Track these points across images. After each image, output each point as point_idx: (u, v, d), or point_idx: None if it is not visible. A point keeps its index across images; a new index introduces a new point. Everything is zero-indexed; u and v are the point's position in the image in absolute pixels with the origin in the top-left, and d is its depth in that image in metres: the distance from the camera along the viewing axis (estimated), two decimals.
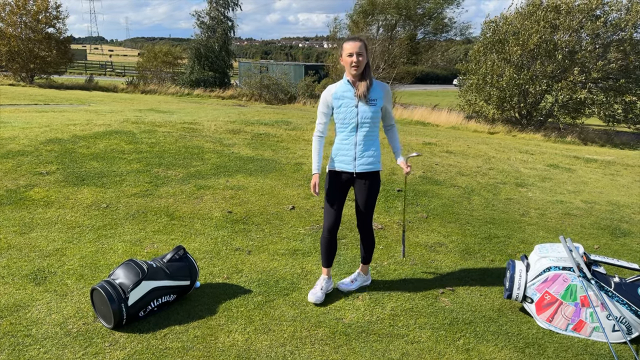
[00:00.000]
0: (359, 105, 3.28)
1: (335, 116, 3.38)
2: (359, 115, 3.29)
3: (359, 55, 3.17)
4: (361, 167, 3.39)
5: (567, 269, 3.38)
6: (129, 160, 6.83)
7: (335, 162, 3.44)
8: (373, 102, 3.29)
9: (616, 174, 8.09)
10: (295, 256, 4.33)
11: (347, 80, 3.32)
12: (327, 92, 3.39)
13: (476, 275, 4.15)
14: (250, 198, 5.69)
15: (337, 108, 3.35)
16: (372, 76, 3.37)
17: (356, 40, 3.19)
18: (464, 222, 5.36)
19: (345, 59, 3.24)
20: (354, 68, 3.20)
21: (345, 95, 3.31)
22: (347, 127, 3.34)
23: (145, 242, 4.48)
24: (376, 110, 3.31)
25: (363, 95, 3.25)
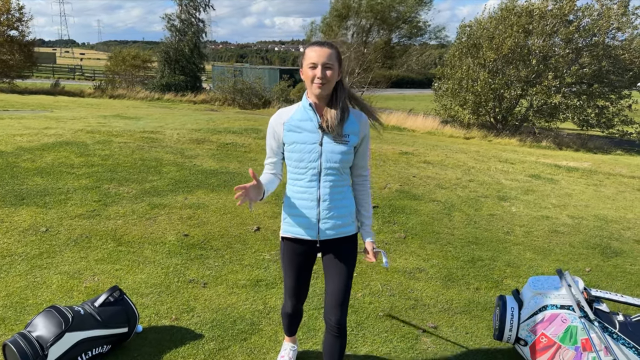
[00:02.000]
0: (324, 142, 2.25)
1: (288, 156, 2.32)
2: (323, 157, 2.25)
3: (326, 67, 2.17)
4: (329, 233, 2.36)
5: (566, 307, 2.94)
6: (78, 175, 6.19)
7: (290, 225, 2.39)
8: (344, 138, 2.27)
9: (599, 184, 7.79)
10: (257, 288, 3.81)
11: (308, 104, 2.27)
12: (276, 119, 2.34)
13: (460, 307, 3.69)
14: (211, 218, 5.13)
15: (290, 145, 2.28)
16: (347, 100, 2.34)
17: (323, 46, 2.20)
18: (445, 243, 4.91)
19: (305, 72, 2.21)
20: (317, 86, 2.18)
21: (304, 127, 2.27)
22: (305, 173, 2.29)
23: (85, 274, 3.90)
24: (348, 151, 2.28)
25: (331, 127, 2.22)
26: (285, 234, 2.46)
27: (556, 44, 18.58)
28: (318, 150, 2.26)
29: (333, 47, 2.24)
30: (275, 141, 2.35)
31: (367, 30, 26.37)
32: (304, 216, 2.35)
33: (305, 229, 2.37)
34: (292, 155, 2.30)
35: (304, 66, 2.24)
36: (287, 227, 2.43)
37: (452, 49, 21.24)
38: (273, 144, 2.37)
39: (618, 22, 17.91)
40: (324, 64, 2.18)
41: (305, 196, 2.32)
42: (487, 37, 18.94)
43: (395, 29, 26.57)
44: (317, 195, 2.31)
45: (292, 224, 2.39)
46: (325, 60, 2.18)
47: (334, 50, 2.24)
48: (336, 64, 2.22)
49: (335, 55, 2.22)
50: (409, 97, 41.18)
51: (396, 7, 25.08)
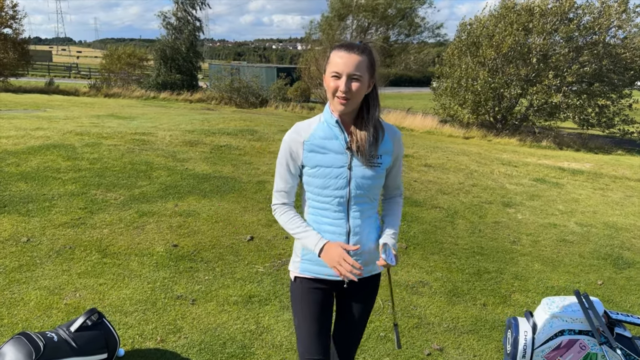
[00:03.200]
0: (354, 165, 1.86)
1: (307, 181, 1.92)
2: (353, 183, 1.87)
3: (352, 79, 1.74)
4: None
5: (585, 332, 2.70)
6: (64, 180, 5.92)
7: (311, 262, 1.98)
8: (376, 160, 1.88)
9: (606, 189, 7.55)
10: (249, 305, 3.56)
11: (334, 121, 1.85)
12: (292, 137, 1.90)
13: (467, 326, 3.45)
14: (202, 227, 4.87)
15: (312, 168, 1.88)
16: (379, 115, 1.91)
17: (352, 51, 1.75)
18: (449, 253, 4.66)
19: (327, 81, 1.79)
20: (339, 101, 1.77)
21: (329, 147, 1.86)
22: (331, 202, 1.90)
23: (66, 290, 3.65)
24: (380, 175, 1.91)
25: (362, 149, 1.83)
26: (303, 273, 2.01)
27: (556, 42, 18.36)
28: (346, 176, 1.86)
29: (365, 53, 1.77)
30: (292, 163, 1.92)
31: (365, 28, 26.11)
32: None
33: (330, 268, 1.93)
34: (313, 181, 1.90)
35: (327, 73, 1.80)
36: (306, 265, 1.99)
37: (451, 47, 20.99)
38: (290, 166, 1.93)
39: (618, 20, 17.68)
40: (350, 74, 1.73)
41: (332, 229, 1.92)
42: (487, 35, 18.70)
43: (393, 27, 26.32)
44: (347, 227, 1.92)
45: (315, 261, 1.96)
46: (351, 71, 1.73)
47: (366, 56, 1.76)
48: (366, 74, 1.77)
49: (366, 63, 1.76)
50: (407, 95, 40.93)
51: (394, 3, 24.83)
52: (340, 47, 1.79)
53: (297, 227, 1.94)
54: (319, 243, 1.88)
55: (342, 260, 1.79)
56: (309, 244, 1.90)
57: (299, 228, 1.94)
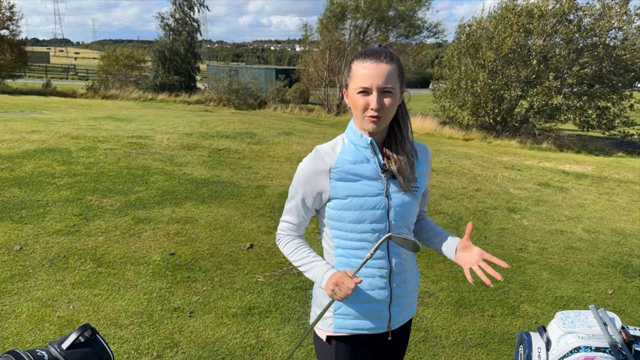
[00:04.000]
0: (391, 191, 1.58)
1: (337, 216, 1.60)
2: (392, 213, 1.58)
3: (385, 93, 1.49)
4: (401, 317, 1.71)
5: (602, 350, 2.57)
6: (59, 185, 5.78)
7: (347, 317, 1.66)
8: (413, 184, 1.62)
9: (612, 193, 7.43)
10: (249, 317, 3.43)
11: (367, 141, 1.57)
12: (314, 165, 1.59)
13: (475, 340, 3.32)
14: (200, 234, 4.74)
15: (343, 200, 1.57)
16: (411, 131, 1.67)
17: (380, 61, 1.48)
18: (454, 262, 4.53)
19: (352, 97, 1.53)
20: (370, 120, 1.51)
21: (361, 172, 1.58)
22: (369, 239, 1.59)
23: (59, 301, 3.52)
24: (417, 201, 1.66)
25: (403, 171, 1.57)
26: (339, 331, 1.66)
27: (557, 43, 18.29)
28: (384, 205, 1.57)
29: (393, 60, 1.50)
30: (312, 197, 1.61)
31: (364, 29, 26.01)
32: (372, 300, 1.63)
33: (373, 319, 1.65)
34: (345, 215, 1.57)
35: (351, 88, 1.52)
36: (342, 320, 1.66)
37: (451, 49, 20.90)
38: (308, 200, 1.62)
39: (619, 22, 17.61)
40: (382, 88, 1.47)
41: (371, 271, 1.61)
42: (487, 36, 18.61)
43: (393, 28, 26.22)
44: (389, 266, 1.61)
45: (352, 314, 1.64)
46: (382, 83, 1.46)
47: (394, 64, 1.50)
48: (397, 84, 1.51)
49: (397, 71, 1.50)
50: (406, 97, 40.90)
51: (394, 5, 24.74)
52: (364, 56, 1.50)
53: (303, 258, 1.65)
54: (327, 273, 1.58)
55: (340, 281, 1.49)
56: (315, 275, 1.61)
57: (305, 259, 1.64)
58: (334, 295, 1.50)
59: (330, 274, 1.56)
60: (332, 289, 1.50)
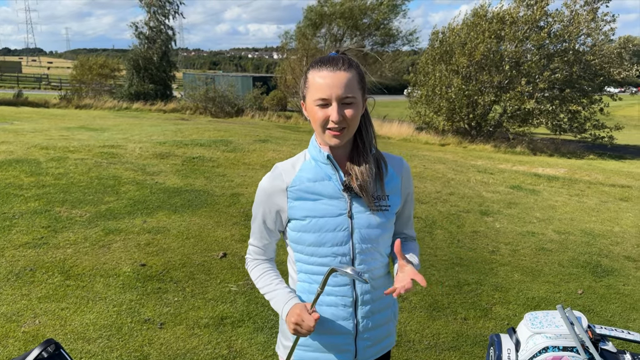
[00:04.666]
0: (355, 212, 1.45)
1: (296, 238, 1.49)
2: (356, 235, 1.45)
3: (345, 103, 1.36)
4: (370, 352, 1.55)
5: (569, 349, 2.60)
6: (26, 197, 5.64)
7: (308, 349, 1.53)
8: (383, 202, 1.47)
9: (582, 194, 7.59)
10: (221, 327, 3.38)
11: (325, 156, 1.44)
12: (272, 182, 1.48)
13: (448, 342, 3.33)
14: (172, 244, 4.67)
15: (301, 221, 1.46)
16: (374, 143, 1.51)
17: (337, 68, 1.35)
18: (428, 265, 4.56)
19: (311, 110, 1.40)
20: (332, 134, 1.38)
21: (321, 191, 1.45)
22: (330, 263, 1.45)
23: (25, 316, 3.42)
24: (390, 222, 1.50)
25: (365, 188, 1.42)
26: None
27: (528, 49, 18.68)
28: (347, 226, 1.43)
29: (352, 67, 1.37)
30: (271, 218, 1.50)
31: (339, 37, 26.17)
32: (334, 332, 1.49)
33: (337, 352, 1.50)
34: (304, 238, 1.45)
35: (308, 100, 1.39)
36: (303, 352, 1.53)
37: (425, 56, 21.17)
38: (268, 221, 1.51)
39: (587, 28, 18.10)
40: (342, 98, 1.34)
41: (333, 300, 1.47)
42: (460, 43, 18.91)
43: (368, 36, 26.45)
44: (353, 296, 1.47)
45: (313, 346, 1.51)
46: (343, 93, 1.33)
47: (354, 70, 1.37)
48: (359, 93, 1.37)
49: (357, 78, 1.37)
50: (383, 103, 41.19)
51: (369, 13, 24.97)
52: (320, 64, 1.37)
53: (267, 286, 1.53)
54: (287, 304, 1.44)
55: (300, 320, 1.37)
56: (276, 307, 1.48)
57: (269, 286, 1.52)
58: (297, 333, 1.39)
59: (290, 307, 1.43)
60: (293, 327, 1.38)
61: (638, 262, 4.89)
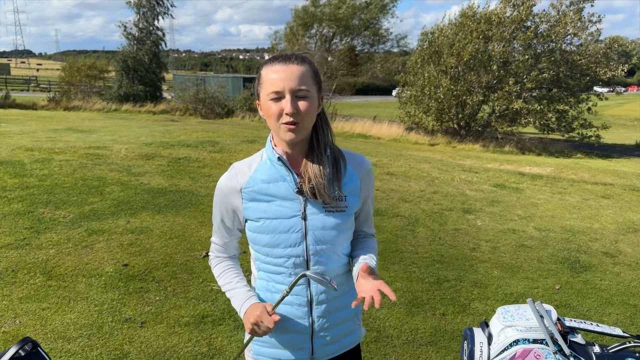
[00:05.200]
0: (309, 214, 1.45)
1: (253, 238, 1.51)
2: (310, 237, 1.45)
3: (298, 96, 1.36)
4: (328, 350, 1.57)
5: (539, 341, 2.65)
6: (10, 199, 5.63)
7: (266, 344, 1.57)
8: (340, 202, 1.47)
9: (564, 192, 7.68)
10: (202, 326, 3.41)
11: (276, 157, 1.45)
12: (227, 182, 1.50)
13: (426, 337, 3.39)
14: (155, 244, 4.69)
15: (255, 222, 1.48)
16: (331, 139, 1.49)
17: (290, 62, 1.37)
18: (409, 263, 4.61)
19: (265, 106, 1.39)
20: (287, 128, 1.37)
21: (274, 192, 1.46)
22: (284, 265, 1.48)
23: (6, 316, 3.43)
24: (347, 223, 1.50)
25: (320, 190, 1.41)
26: (258, 356, 1.59)
27: (516, 49, 18.84)
28: (301, 228, 1.44)
29: (305, 62, 1.39)
30: (229, 217, 1.52)
31: (329, 38, 26.24)
32: (290, 330, 1.52)
33: (293, 350, 1.54)
34: (260, 238, 1.47)
35: (262, 96, 1.39)
36: (261, 347, 1.57)
37: (414, 57, 21.29)
38: (226, 220, 1.53)
39: (574, 28, 18.28)
40: (295, 90, 1.34)
41: (290, 299, 1.49)
42: (448, 43, 19.04)
43: (357, 36, 26.54)
44: (307, 296, 1.49)
45: (270, 342, 1.55)
46: (295, 85, 1.34)
47: (307, 65, 1.39)
48: (313, 87, 1.39)
49: (311, 73, 1.39)
50: (374, 104, 41.33)
51: (358, 14, 25.07)
52: (272, 60, 1.40)
53: (227, 284, 1.56)
54: (245, 303, 1.47)
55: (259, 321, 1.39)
56: (235, 305, 1.51)
57: (229, 284, 1.55)
58: (254, 333, 1.41)
59: (247, 306, 1.45)
60: (250, 327, 1.40)
61: (616, 257, 4.98)
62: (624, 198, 7.52)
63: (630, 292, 4.23)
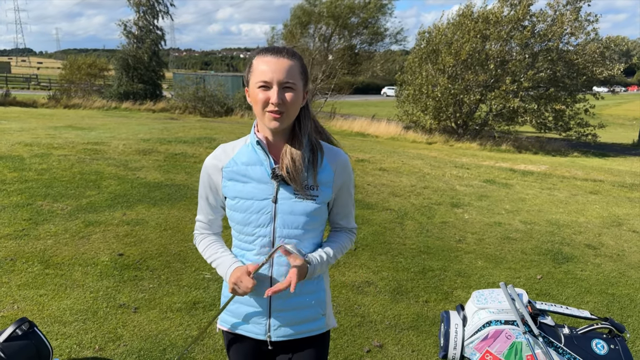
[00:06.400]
0: (280, 198, 1.55)
1: (230, 215, 1.64)
2: (278, 220, 1.56)
3: (285, 87, 1.46)
4: (283, 331, 1.66)
5: (510, 322, 2.80)
6: (9, 192, 5.78)
7: (230, 314, 1.70)
8: (311, 192, 1.56)
9: (553, 188, 7.82)
10: (193, 311, 3.55)
11: (256, 141, 1.57)
12: (211, 161, 1.64)
13: (408, 323, 3.52)
14: (150, 235, 4.83)
15: (232, 200, 1.60)
16: (314, 132, 1.63)
17: (280, 55, 1.47)
18: (396, 254, 4.75)
19: (253, 93, 1.49)
20: (272, 116, 1.47)
21: (251, 174, 1.57)
22: (253, 242, 1.60)
23: (4, 302, 3.57)
24: (317, 211, 1.58)
25: (293, 175, 1.52)
26: (222, 325, 1.73)
27: (513, 48, 18.96)
28: (271, 210, 1.55)
29: (295, 57, 1.49)
30: (212, 193, 1.65)
31: (328, 37, 26.35)
32: (250, 304, 1.64)
33: (250, 323, 1.66)
34: (234, 215, 1.59)
35: (251, 84, 1.49)
36: (226, 316, 1.71)
37: (412, 55, 21.42)
38: (210, 196, 1.66)
39: (571, 28, 18.40)
40: (282, 82, 1.44)
41: (255, 276, 1.56)
42: (446, 42, 19.16)
43: (356, 35, 26.63)
44: (269, 275, 1.59)
45: (233, 312, 1.68)
46: (283, 77, 1.44)
47: (296, 61, 1.49)
48: (300, 81, 1.49)
49: (299, 68, 1.49)
50: (373, 103, 41.44)
51: (357, 12, 25.17)
52: (265, 51, 1.49)
53: (213, 254, 1.67)
54: (231, 267, 1.58)
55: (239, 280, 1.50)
56: (222, 271, 1.62)
57: (215, 254, 1.67)
58: (235, 292, 1.52)
59: (233, 269, 1.56)
60: (232, 286, 1.51)
61: (598, 249, 5.12)
62: (611, 194, 7.66)
63: (609, 282, 4.37)
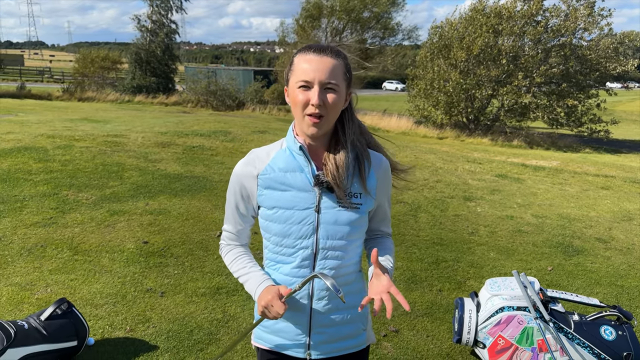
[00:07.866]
0: (323, 207, 1.44)
1: (265, 225, 1.50)
2: (322, 231, 1.44)
3: (327, 89, 1.35)
4: (324, 349, 1.55)
5: (522, 309, 2.93)
6: (35, 182, 5.99)
7: (266, 330, 1.59)
8: (355, 200, 1.45)
9: (564, 183, 7.91)
10: (217, 296, 3.72)
11: (298, 147, 1.43)
12: (244, 168, 1.50)
13: (423, 310, 3.67)
14: (172, 224, 5.01)
15: (269, 210, 1.46)
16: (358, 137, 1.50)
17: (324, 54, 1.36)
18: (410, 245, 4.89)
19: (293, 93, 1.38)
20: (311, 121, 1.36)
21: (291, 182, 1.45)
22: (292, 255, 1.48)
23: (38, 285, 3.76)
24: (360, 221, 1.47)
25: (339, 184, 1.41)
26: (258, 342, 1.62)
27: (525, 44, 18.91)
28: (313, 221, 1.43)
29: (340, 56, 1.38)
30: (244, 203, 1.51)
31: (340, 31, 26.39)
32: (288, 320, 1.53)
33: (290, 341, 1.54)
34: (271, 226, 1.46)
35: (291, 83, 1.38)
36: (262, 332, 1.60)
37: (424, 50, 21.43)
38: (241, 206, 1.51)
39: (584, 23, 18.31)
40: (324, 82, 1.33)
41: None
42: (458, 37, 19.16)
43: (368, 29, 26.66)
44: (309, 290, 1.48)
45: (270, 328, 1.57)
46: (325, 78, 1.33)
47: (341, 60, 1.38)
48: (343, 82, 1.37)
49: (343, 69, 1.38)
50: (384, 97, 41.40)
51: (369, 6, 25.20)
52: (308, 49, 1.38)
53: (241, 269, 1.54)
54: (260, 286, 1.45)
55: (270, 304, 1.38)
56: (249, 289, 1.49)
57: (242, 269, 1.53)
58: (265, 316, 1.42)
59: (262, 289, 1.44)
60: (261, 309, 1.40)
61: (608, 243, 5.23)
62: (623, 189, 7.73)
63: (619, 274, 4.48)
